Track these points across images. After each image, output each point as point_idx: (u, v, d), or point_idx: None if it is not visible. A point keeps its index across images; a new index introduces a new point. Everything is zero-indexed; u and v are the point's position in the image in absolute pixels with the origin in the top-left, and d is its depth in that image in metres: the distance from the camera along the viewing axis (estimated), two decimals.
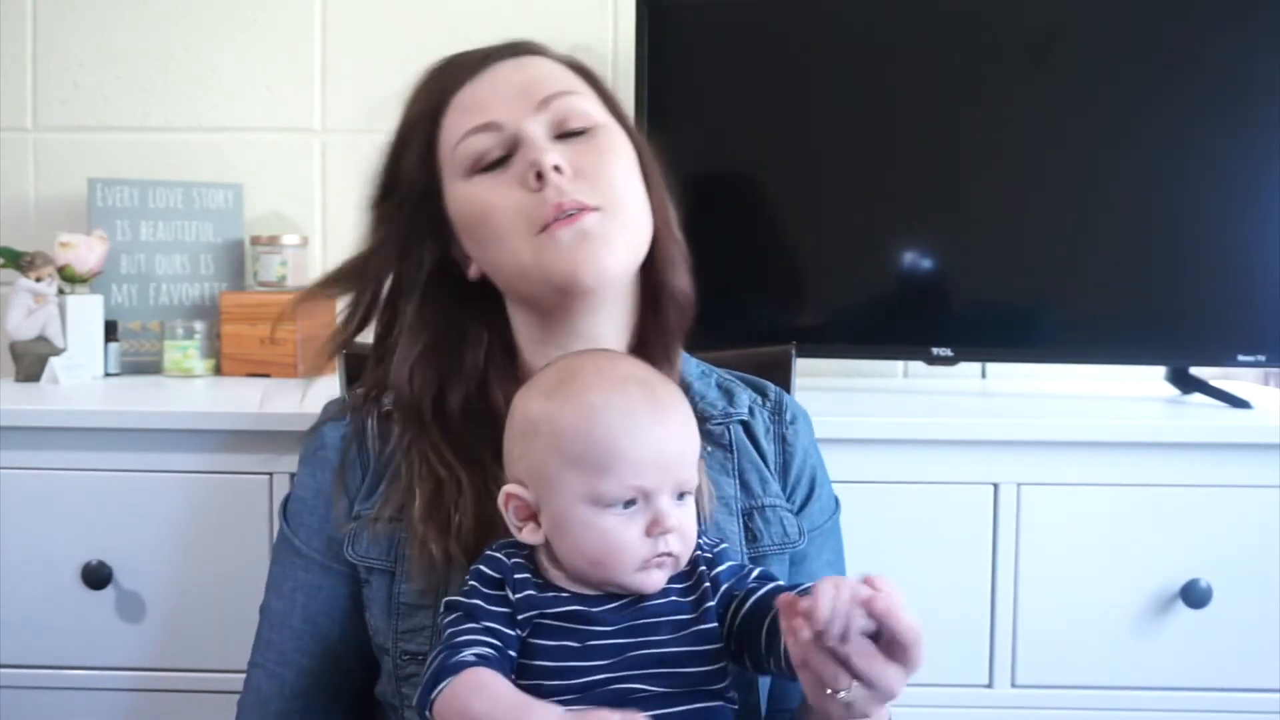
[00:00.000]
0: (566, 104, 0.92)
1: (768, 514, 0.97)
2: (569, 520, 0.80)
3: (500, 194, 0.90)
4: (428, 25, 1.78)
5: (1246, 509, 1.29)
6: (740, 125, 1.54)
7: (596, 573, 0.81)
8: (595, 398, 0.81)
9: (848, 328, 1.55)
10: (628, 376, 0.83)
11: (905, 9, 1.51)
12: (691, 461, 0.83)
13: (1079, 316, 1.51)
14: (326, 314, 1.72)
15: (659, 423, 0.81)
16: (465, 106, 0.93)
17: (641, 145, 0.98)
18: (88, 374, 1.59)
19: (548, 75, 0.94)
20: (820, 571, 1.00)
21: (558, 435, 0.81)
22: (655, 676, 0.79)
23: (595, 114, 0.94)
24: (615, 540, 0.79)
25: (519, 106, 0.92)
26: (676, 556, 0.81)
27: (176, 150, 1.80)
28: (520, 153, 0.91)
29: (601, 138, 0.93)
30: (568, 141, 0.92)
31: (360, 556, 0.93)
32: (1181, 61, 1.44)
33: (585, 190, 0.89)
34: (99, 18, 1.80)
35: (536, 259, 0.89)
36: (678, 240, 0.99)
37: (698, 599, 0.83)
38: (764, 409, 1.02)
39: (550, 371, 0.86)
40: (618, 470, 0.79)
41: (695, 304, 0.99)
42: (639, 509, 0.80)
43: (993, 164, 1.50)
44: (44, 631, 1.31)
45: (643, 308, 0.98)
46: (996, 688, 1.31)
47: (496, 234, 0.91)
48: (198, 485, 1.30)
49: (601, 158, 0.92)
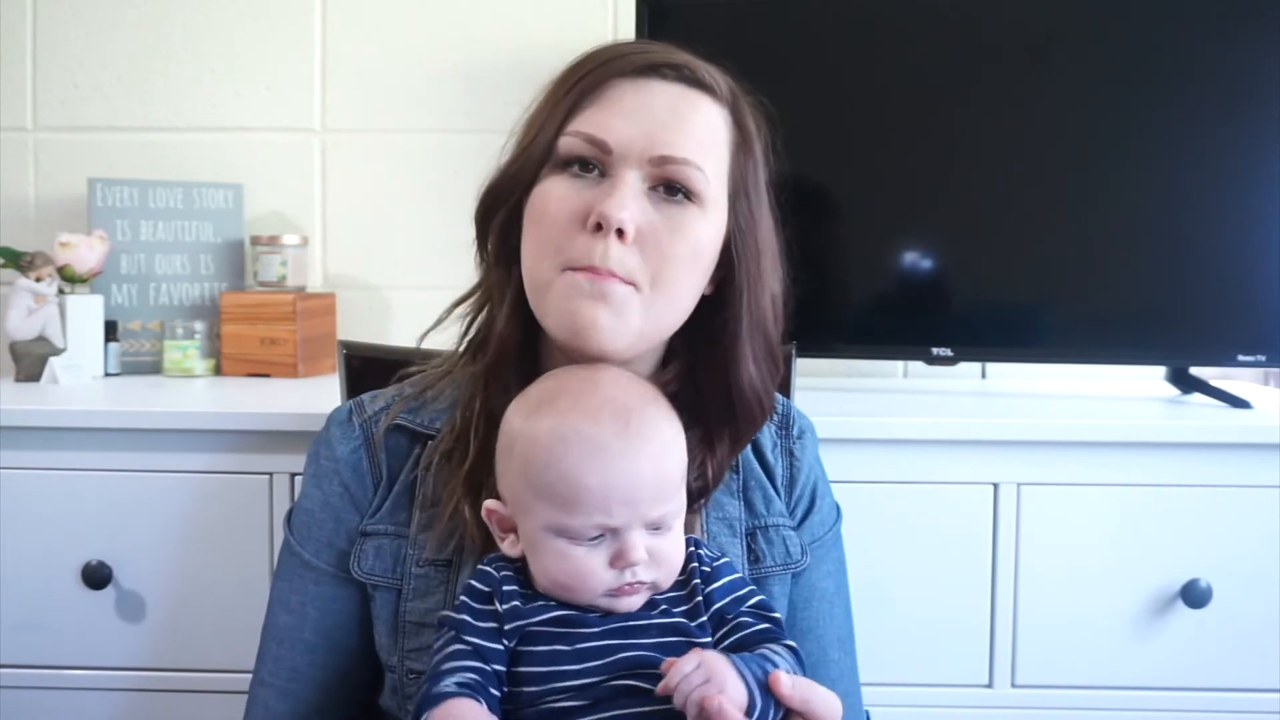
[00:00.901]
0: (682, 174, 0.86)
1: (770, 534, 0.96)
2: (537, 545, 0.81)
3: (563, 210, 0.86)
4: (428, 25, 1.78)
5: (1246, 509, 1.29)
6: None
7: (565, 595, 0.80)
8: (566, 429, 0.79)
9: (848, 328, 1.56)
10: (604, 404, 0.81)
11: (905, 9, 1.51)
12: (668, 493, 0.81)
13: (1079, 316, 1.51)
14: (327, 314, 1.73)
15: (628, 457, 0.79)
16: (601, 105, 0.87)
17: (750, 232, 0.91)
18: (88, 374, 1.59)
19: (692, 131, 0.87)
20: (821, 582, 0.99)
21: (527, 465, 0.80)
22: (647, 676, 0.79)
23: (705, 190, 0.87)
24: (581, 569, 0.79)
25: (637, 146, 0.86)
26: (651, 582, 0.81)
27: (176, 150, 1.80)
28: (605, 188, 0.86)
29: (690, 215, 0.87)
30: (657, 200, 0.87)
31: (366, 574, 0.92)
32: (1181, 62, 1.44)
33: (635, 260, 0.85)
34: (99, 18, 1.80)
35: (552, 290, 0.86)
36: (766, 339, 0.92)
37: (690, 610, 0.82)
38: (771, 423, 1.00)
39: (536, 389, 0.85)
40: (582, 507, 0.78)
41: (765, 407, 0.94)
42: (606, 541, 0.79)
43: (993, 164, 1.50)
44: (44, 631, 1.31)
45: (710, 399, 0.92)
46: (996, 688, 1.31)
47: (540, 240, 0.88)
48: (198, 485, 1.30)
49: (673, 236, 0.86)
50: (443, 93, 1.77)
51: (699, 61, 0.91)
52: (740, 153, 0.91)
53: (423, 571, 0.91)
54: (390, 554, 0.92)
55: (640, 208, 0.86)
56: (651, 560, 0.80)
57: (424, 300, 1.02)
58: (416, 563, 0.91)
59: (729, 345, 0.91)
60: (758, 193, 0.92)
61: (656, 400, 0.85)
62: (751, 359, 0.91)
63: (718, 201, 0.89)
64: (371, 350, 1.21)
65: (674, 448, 0.83)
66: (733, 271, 0.91)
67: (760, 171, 0.93)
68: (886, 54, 1.51)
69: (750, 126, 0.93)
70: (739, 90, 0.93)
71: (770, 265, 0.93)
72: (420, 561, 0.91)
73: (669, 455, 0.82)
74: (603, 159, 0.86)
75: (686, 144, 0.87)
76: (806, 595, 0.98)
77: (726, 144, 0.90)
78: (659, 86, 0.88)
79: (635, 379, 0.86)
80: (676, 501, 0.82)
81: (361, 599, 0.94)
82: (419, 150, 1.78)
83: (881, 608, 1.26)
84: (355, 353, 1.21)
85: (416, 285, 1.77)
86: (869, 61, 1.52)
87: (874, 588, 1.24)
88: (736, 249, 0.91)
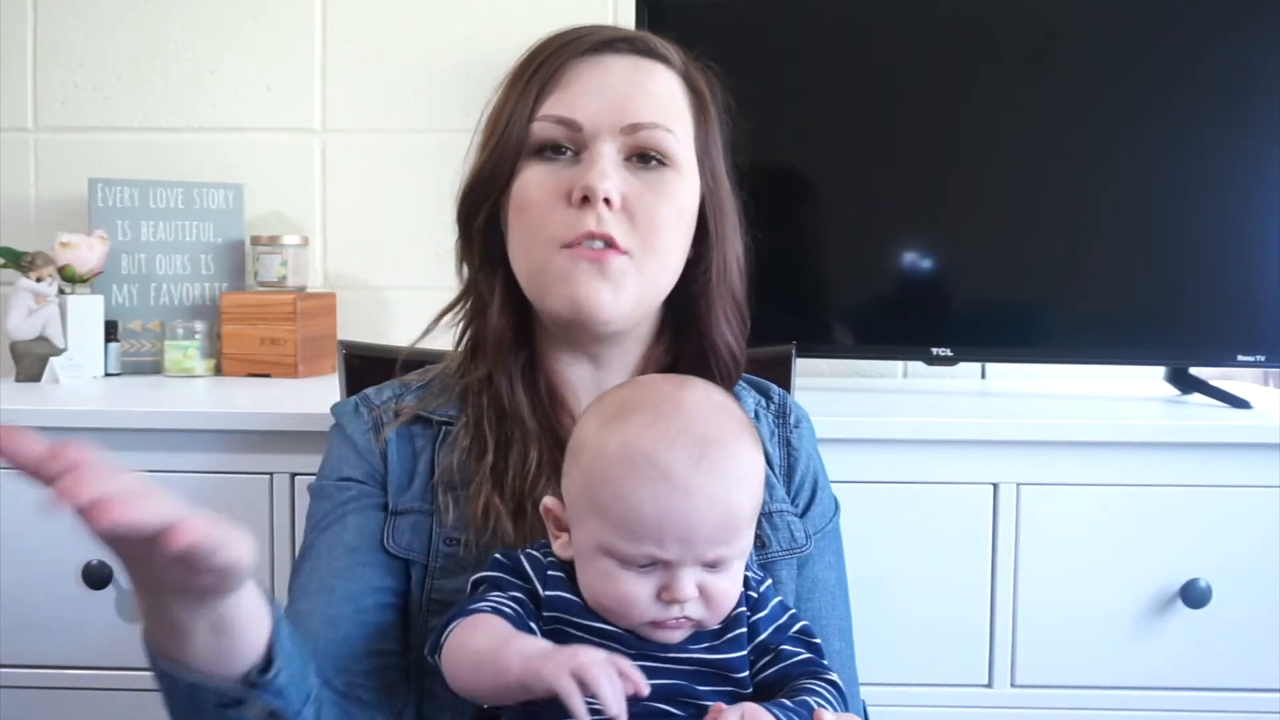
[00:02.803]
0: (654, 138, 0.89)
1: (775, 520, 0.96)
2: (586, 558, 0.78)
3: (546, 193, 0.89)
4: (428, 25, 1.78)
5: (1246, 509, 1.29)
6: (739, 125, 1.54)
7: (604, 614, 0.78)
8: (635, 450, 0.75)
9: (848, 328, 1.56)
10: (683, 431, 0.76)
11: (905, 9, 1.51)
12: (733, 534, 0.76)
13: (1079, 316, 1.51)
14: (327, 314, 1.73)
15: (693, 495, 0.74)
16: (563, 87, 0.90)
17: (717, 193, 0.95)
18: (88, 374, 1.59)
19: (654, 96, 0.91)
20: (824, 574, 1.00)
21: (590, 476, 0.77)
22: (681, 704, 0.77)
23: (677, 151, 0.91)
24: (625, 594, 0.76)
25: (606, 118, 0.89)
26: (698, 620, 0.77)
27: (176, 150, 1.80)
28: (583, 164, 0.88)
29: (668, 178, 0.90)
30: (633, 168, 0.90)
31: (402, 549, 0.91)
32: (1181, 62, 1.44)
33: (624, 228, 0.88)
34: (99, 18, 1.80)
35: (548, 273, 0.88)
36: (734, 298, 0.96)
37: (732, 641, 0.80)
38: (769, 412, 1.02)
39: (618, 394, 0.83)
40: (637, 535, 0.74)
41: (739, 362, 0.97)
42: (657, 570, 0.75)
43: (993, 164, 1.50)
44: (44, 631, 1.31)
45: (694, 358, 0.95)
46: (996, 688, 1.31)
47: (528, 228, 0.90)
48: (198, 485, 1.30)
49: (657, 199, 0.89)
50: (443, 93, 1.77)
51: (647, 33, 0.94)
52: (700, 115, 0.95)
53: (450, 550, 0.90)
54: (425, 531, 0.92)
55: (621, 177, 0.88)
56: (702, 597, 0.76)
57: (424, 300, 1.02)
58: (444, 541, 0.91)
59: (704, 305, 0.95)
60: (719, 153, 0.96)
61: (741, 431, 0.80)
62: (724, 317, 0.95)
63: (690, 164, 0.93)
64: (371, 350, 1.21)
65: (748, 486, 0.78)
66: (706, 232, 0.94)
67: (718, 132, 0.96)
68: (887, 53, 1.51)
69: (704, 89, 0.96)
70: (688, 56, 0.96)
71: (733, 225, 0.97)
72: (448, 540, 0.91)
73: (741, 494, 0.77)
74: (575, 138, 0.89)
75: (653, 109, 0.90)
76: (810, 586, 0.99)
77: (687, 108, 0.94)
78: (614, 60, 0.91)
79: (727, 403, 0.82)
80: (740, 544, 0.78)
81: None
82: (419, 150, 1.78)
83: (881, 607, 1.25)
84: (355, 353, 1.21)
85: (416, 285, 1.77)
86: (869, 61, 1.52)
87: (874, 587, 1.24)
88: (708, 210, 0.94)
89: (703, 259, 0.95)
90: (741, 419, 0.82)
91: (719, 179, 0.96)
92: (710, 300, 0.94)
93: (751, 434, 0.81)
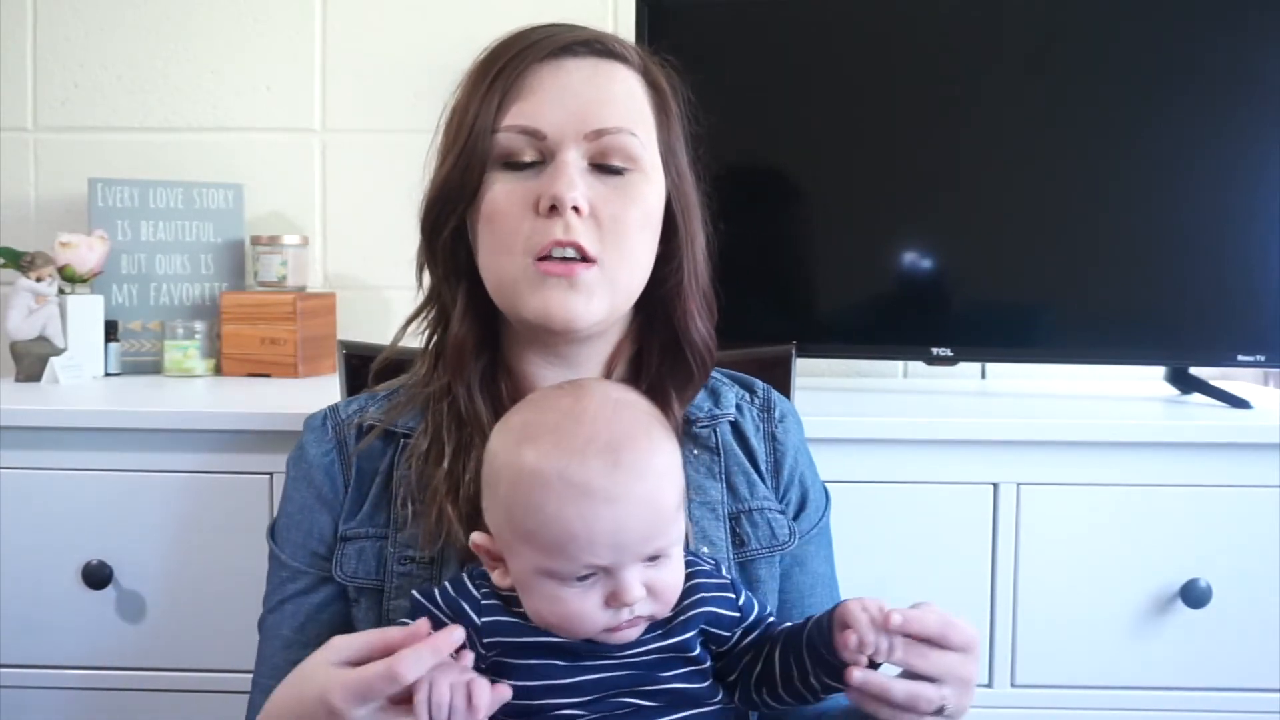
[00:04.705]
0: (618, 143, 0.89)
1: (755, 517, 0.96)
2: (527, 585, 0.77)
3: (513, 203, 0.89)
4: (428, 25, 1.78)
5: (1246, 509, 1.29)
6: (739, 125, 1.54)
7: (560, 633, 0.78)
8: (550, 472, 0.74)
9: (848, 328, 1.55)
10: (590, 440, 0.75)
11: (906, 9, 1.51)
12: (664, 527, 0.77)
13: (1079, 316, 1.51)
14: (327, 314, 1.73)
15: (617, 502, 0.74)
16: (525, 95, 0.90)
17: (683, 189, 0.95)
18: (88, 374, 1.59)
19: (616, 99, 0.91)
20: (821, 569, 1.01)
21: (511, 506, 0.77)
22: (646, 694, 0.78)
23: (642, 154, 0.91)
24: (574, 611, 0.75)
25: (570, 126, 0.88)
26: (650, 615, 0.78)
27: (176, 150, 1.80)
28: (549, 174, 0.88)
29: (635, 183, 0.90)
30: (600, 175, 0.90)
31: (349, 577, 0.92)
32: (1181, 61, 1.44)
33: (593, 235, 0.88)
34: (99, 18, 1.80)
35: (518, 284, 0.88)
36: (704, 291, 0.96)
37: (684, 622, 0.81)
38: (752, 406, 1.01)
39: (519, 414, 0.82)
40: (571, 553, 0.74)
41: (713, 352, 0.97)
42: (599, 579, 0.75)
43: (993, 164, 1.50)
44: (44, 631, 1.31)
45: (660, 353, 0.96)
46: (996, 688, 1.31)
47: (497, 239, 0.90)
48: (198, 485, 1.30)
49: (624, 204, 0.89)
50: (443, 93, 1.76)
51: (605, 33, 0.94)
52: (661, 113, 0.94)
53: (405, 570, 0.91)
54: (372, 555, 0.92)
55: (587, 183, 0.88)
56: (650, 593, 0.77)
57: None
58: (399, 561, 0.91)
59: (677, 301, 0.95)
60: (682, 148, 0.96)
61: (649, 425, 0.80)
62: (696, 310, 0.95)
63: (654, 164, 0.93)
64: (371, 350, 1.21)
65: (667, 479, 0.78)
66: (674, 229, 0.94)
67: (679, 128, 0.96)
68: (887, 54, 1.51)
69: (664, 85, 0.96)
70: (646, 53, 0.96)
71: (698, 218, 0.96)
72: (402, 560, 0.91)
73: (662, 490, 0.77)
74: (540, 147, 0.89)
75: (616, 113, 0.90)
76: (811, 582, 0.99)
77: (649, 106, 0.94)
78: (574, 64, 0.91)
79: (626, 399, 0.82)
80: (674, 533, 0.78)
81: (341, 601, 0.94)
82: (419, 150, 1.76)
83: None
84: (355, 352, 1.21)
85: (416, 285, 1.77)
86: (869, 61, 1.52)
87: (874, 587, 1.23)
88: (675, 207, 0.94)
89: (673, 256, 0.95)
90: (646, 409, 0.82)
91: (683, 174, 0.96)
92: (684, 296, 0.95)
93: (660, 423, 0.81)
